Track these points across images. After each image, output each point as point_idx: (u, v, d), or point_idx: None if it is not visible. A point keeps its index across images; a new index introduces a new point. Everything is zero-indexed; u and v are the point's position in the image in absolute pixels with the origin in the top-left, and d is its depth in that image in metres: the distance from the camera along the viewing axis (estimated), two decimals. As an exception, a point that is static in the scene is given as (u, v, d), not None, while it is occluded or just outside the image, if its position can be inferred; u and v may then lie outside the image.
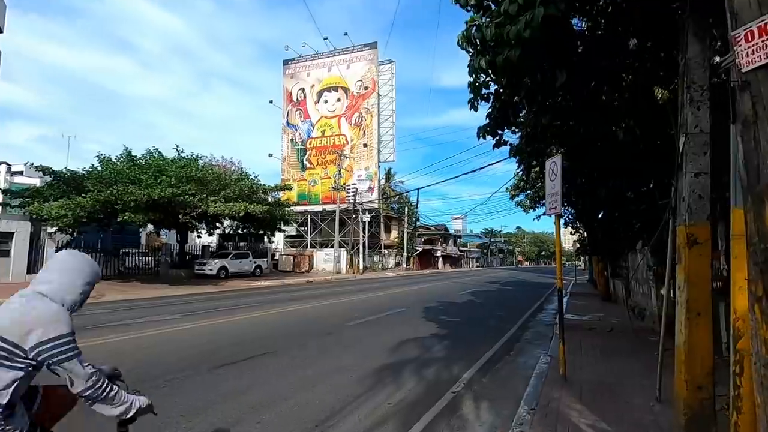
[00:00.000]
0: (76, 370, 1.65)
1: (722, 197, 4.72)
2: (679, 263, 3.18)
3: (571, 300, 15.27)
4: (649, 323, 9.02)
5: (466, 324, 10.23)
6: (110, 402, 1.74)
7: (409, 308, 12.67)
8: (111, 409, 1.75)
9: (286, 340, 7.66)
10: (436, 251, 56.99)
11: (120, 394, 1.78)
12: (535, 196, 18.67)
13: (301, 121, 45.18)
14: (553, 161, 5.00)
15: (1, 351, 1.55)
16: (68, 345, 1.64)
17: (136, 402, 1.82)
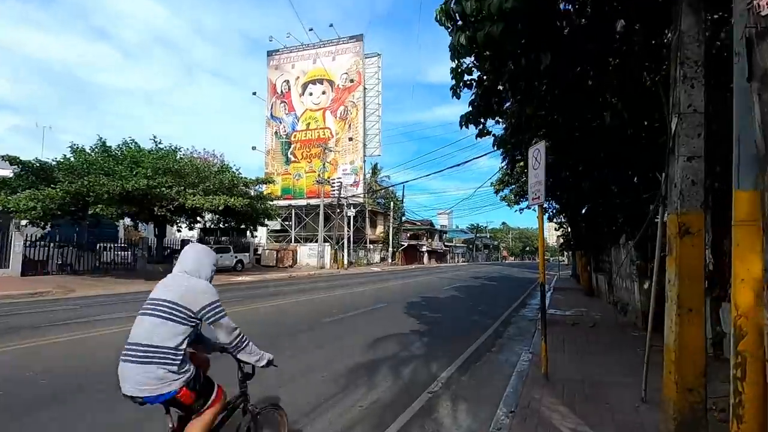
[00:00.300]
0: (226, 324, 2.32)
1: (711, 186, 4.53)
2: (669, 255, 2.93)
3: (554, 295, 15.20)
4: (632, 318, 8.91)
5: (448, 319, 9.99)
6: (249, 352, 2.46)
7: (391, 304, 12.39)
8: (250, 357, 2.47)
9: (258, 338, 7.28)
10: (421, 246, 56.92)
11: (255, 348, 2.50)
12: (520, 191, 18.55)
13: (286, 113, 44.41)
14: (536, 149, 4.73)
15: (179, 313, 2.19)
16: (219, 308, 2.31)
17: (266, 355, 2.54)
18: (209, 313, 2.27)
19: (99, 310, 10.29)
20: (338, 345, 6.91)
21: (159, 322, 2.18)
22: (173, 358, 2.15)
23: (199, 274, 2.39)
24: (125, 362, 2.14)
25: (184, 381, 2.18)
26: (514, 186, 19.17)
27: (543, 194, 4.53)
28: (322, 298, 13.40)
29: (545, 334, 4.60)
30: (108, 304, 11.31)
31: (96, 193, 17.25)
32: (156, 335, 2.15)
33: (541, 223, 4.81)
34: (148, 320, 2.20)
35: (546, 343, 4.58)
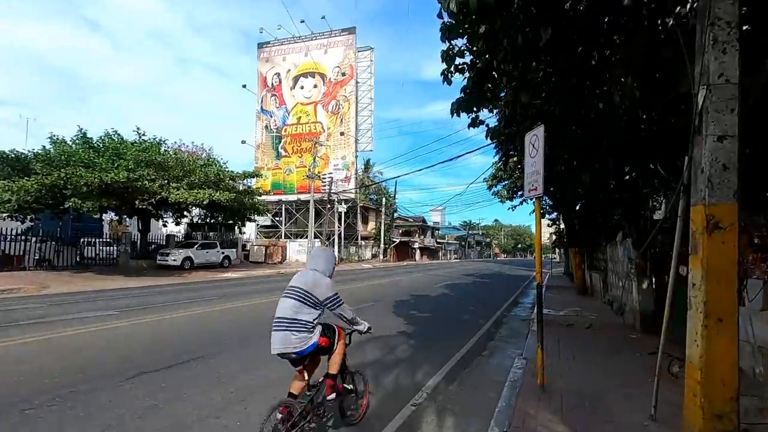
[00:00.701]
0: (345, 310, 3.28)
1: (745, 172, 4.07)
2: (693, 254, 2.45)
3: (547, 293, 14.81)
4: (630, 319, 8.51)
5: (437, 319, 9.53)
6: (359, 324, 3.47)
7: (380, 302, 11.91)
8: (360, 327, 3.49)
9: (229, 341, 6.76)
10: (413, 243, 56.50)
11: (363, 322, 3.51)
12: (513, 186, 18.13)
13: (276, 107, 43.61)
14: (533, 135, 4.24)
15: (311, 299, 3.09)
16: (338, 299, 3.20)
17: (366, 325, 3.54)
18: (330, 304, 3.19)
19: (66, 309, 9.67)
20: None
21: (298, 304, 3.08)
22: (311, 328, 3.09)
23: (326, 272, 3.29)
24: (277, 331, 3.06)
25: (319, 334, 3.15)
26: (508, 182, 18.74)
27: (541, 185, 4.05)
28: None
29: (542, 340, 4.13)
30: (78, 302, 10.69)
31: (73, 185, 16.53)
32: (297, 313, 3.05)
33: (539, 217, 4.33)
34: (290, 302, 3.10)
35: (543, 350, 4.11)
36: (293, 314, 3.04)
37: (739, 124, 2.37)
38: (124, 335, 6.99)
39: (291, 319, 3.04)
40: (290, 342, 3.00)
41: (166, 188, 18.67)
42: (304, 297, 3.08)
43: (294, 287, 3.14)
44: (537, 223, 4.37)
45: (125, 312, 9.21)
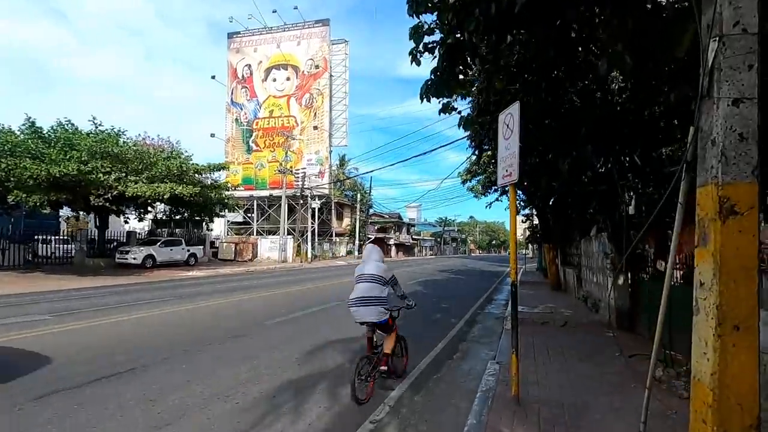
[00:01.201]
0: (399, 287, 4.58)
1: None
2: (701, 246, 1.98)
3: (520, 289, 14.57)
4: (605, 316, 8.23)
5: (407, 319, 9.01)
6: (408, 299, 4.64)
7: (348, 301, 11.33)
8: (408, 302, 4.63)
9: (173, 349, 6.05)
10: (389, 239, 56.07)
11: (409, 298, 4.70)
12: (487, 182, 17.85)
13: (247, 100, 42.23)
14: (508, 113, 3.75)
15: (380, 280, 4.24)
16: (395, 278, 4.47)
17: (413, 302, 4.68)
18: (390, 281, 4.39)
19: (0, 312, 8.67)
20: (272, 355, 5.77)
21: (372, 285, 4.26)
22: (384, 302, 4.24)
23: (380, 261, 4.52)
24: (359, 306, 4.25)
25: (389, 314, 4.29)
26: (482, 177, 18.45)
27: (516, 170, 3.55)
28: (273, 295, 12.16)
29: (517, 347, 3.64)
30: (11, 306, 9.65)
31: (17, 177, 15.21)
32: (372, 291, 4.23)
33: (513, 207, 3.85)
34: (367, 285, 4.29)
35: (518, 357, 3.63)
36: (370, 293, 4.25)
37: (759, 83, 1.90)
38: (53, 345, 6.16)
39: (369, 296, 4.24)
40: (372, 314, 4.21)
41: (123, 182, 17.49)
42: (376, 279, 4.31)
43: (365, 274, 4.38)
44: (512, 214, 3.88)
45: (62, 316, 8.30)
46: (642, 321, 7.18)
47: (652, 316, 6.98)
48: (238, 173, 41.74)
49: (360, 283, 4.36)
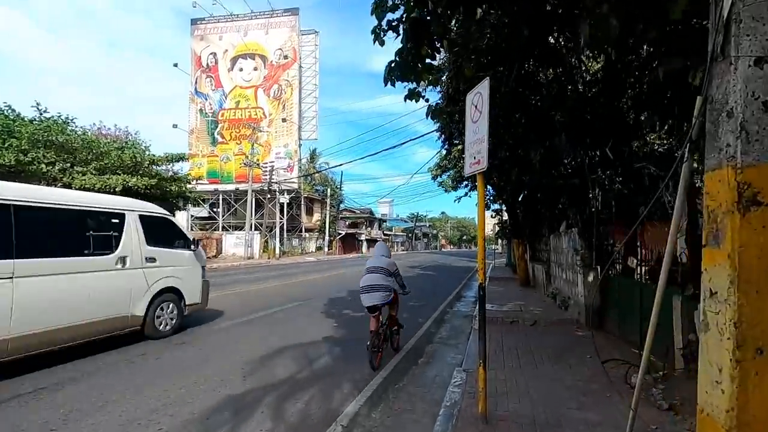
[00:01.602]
0: (401, 278, 5.54)
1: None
2: (711, 245, 1.56)
3: (490, 286, 14.37)
4: (575, 313, 8.02)
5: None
6: (406, 288, 5.80)
7: (312, 299, 10.74)
8: (406, 290, 5.82)
9: (101, 359, 5.33)
10: (360, 235, 55.54)
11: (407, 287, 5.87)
12: (457, 176, 17.58)
13: (212, 89, 40.50)
14: (476, 93, 3.30)
15: (387, 271, 5.30)
16: (398, 271, 5.51)
17: (409, 290, 5.97)
18: (394, 273, 5.41)
19: None
20: (218, 363, 5.15)
21: (381, 275, 5.24)
22: (388, 289, 5.19)
23: (389, 256, 5.61)
24: (367, 293, 5.14)
25: (392, 296, 5.26)
26: (452, 171, 18.17)
27: (485, 157, 3.11)
28: (231, 296, 11.41)
29: (485, 358, 3.21)
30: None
31: (-58, 167, 13.72)
32: (378, 281, 5.17)
33: (482, 198, 3.41)
34: (374, 275, 5.25)
35: (485, 369, 3.20)
36: (378, 282, 5.18)
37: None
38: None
39: (379, 285, 5.17)
40: (376, 299, 5.11)
41: (68, 173, 16.16)
42: (384, 271, 5.30)
43: (376, 266, 5.34)
44: (480, 206, 3.44)
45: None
46: (612, 318, 6.98)
47: (621, 313, 6.81)
48: (203, 166, 40.10)
49: (369, 273, 5.35)
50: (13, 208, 4.67)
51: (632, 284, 6.24)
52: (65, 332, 5.05)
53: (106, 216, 5.88)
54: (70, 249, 5.29)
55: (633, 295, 6.13)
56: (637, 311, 5.84)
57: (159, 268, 6.50)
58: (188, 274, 7.12)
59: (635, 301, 5.94)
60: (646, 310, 5.71)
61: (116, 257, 5.83)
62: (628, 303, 6.39)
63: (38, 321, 4.75)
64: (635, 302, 5.94)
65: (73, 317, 5.14)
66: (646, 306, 5.65)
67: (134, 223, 6.21)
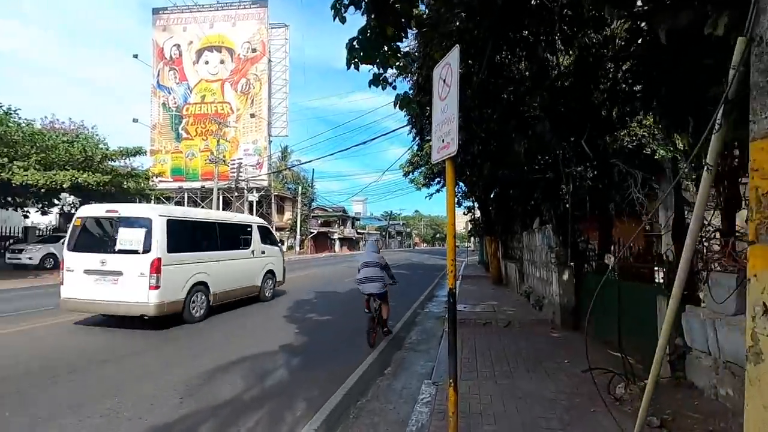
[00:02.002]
0: (390, 269, 6.59)
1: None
2: (764, 240, 1.07)
3: (462, 284, 14.07)
4: (549, 313, 7.71)
5: (337, 325, 8.00)
6: (394, 279, 6.83)
7: (275, 302, 10.07)
8: (394, 281, 6.78)
9: (11, 382, 4.57)
10: (332, 234, 54.70)
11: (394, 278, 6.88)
12: (429, 173, 17.21)
13: (176, 83, 38.70)
14: (445, 64, 2.80)
15: (380, 265, 6.39)
16: (387, 265, 6.58)
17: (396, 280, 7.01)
18: (387, 267, 6.46)
19: None
20: (149, 386, 4.47)
21: (375, 268, 6.29)
22: (383, 279, 6.30)
23: (378, 251, 6.65)
24: (366, 283, 6.27)
25: (386, 287, 6.35)
26: (424, 168, 17.79)
27: (455, 139, 2.62)
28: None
29: (455, 378, 2.72)
30: None
31: None
32: (374, 273, 6.26)
33: (452, 187, 2.91)
34: (369, 268, 6.30)
35: (456, 390, 2.72)
36: (373, 274, 6.31)
37: None
38: None
39: (375, 276, 6.30)
40: (375, 288, 6.26)
41: (7, 168, 14.78)
42: (378, 264, 6.38)
43: (370, 261, 6.40)
44: (449, 197, 2.94)
45: None
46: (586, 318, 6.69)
47: (598, 313, 6.51)
48: (167, 163, 38.32)
49: (365, 267, 6.39)
50: (217, 225, 8.92)
51: (609, 282, 5.95)
52: (234, 292, 9.00)
53: (245, 227, 9.97)
54: (234, 245, 9.22)
55: (610, 293, 5.83)
56: (615, 310, 5.53)
57: (266, 257, 10.34)
58: (278, 262, 11.07)
59: (612, 300, 5.63)
60: (624, 310, 5.40)
61: (251, 250, 9.76)
62: (605, 302, 6.10)
63: (224, 285, 8.61)
64: (612, 301, 5.64)
65: (236, 284, 9.10)
66: (624, 306, 5.35)
67: (256, 231, 10.14)
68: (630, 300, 5.08)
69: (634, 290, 5.03)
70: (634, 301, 4.94)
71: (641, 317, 4.68)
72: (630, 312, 5.01)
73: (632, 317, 4.94)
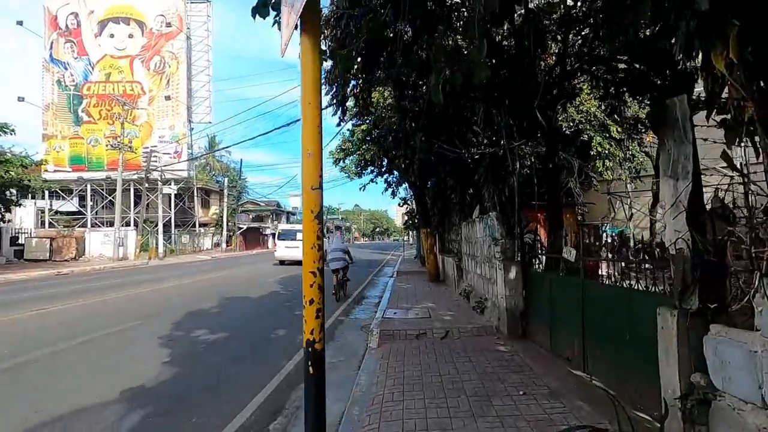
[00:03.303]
0: (350, 255, 10.65)
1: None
2: None
3: (396, 282, 12.72)
4: (493, 318, 6.48)
5: (233, 344, 6.17)
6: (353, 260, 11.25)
7: (160, 316, 7.93)
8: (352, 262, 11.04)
9: None
10: (265, 229, 51.49)
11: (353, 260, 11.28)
12: (362, 160, 15.63)
13: (74, 57, 33.59)
14: None
15: (344, 251, 10.28)
16: (349, 252, 10.59)
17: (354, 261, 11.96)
18: (348, 253, 10.33)
19: None
20: None
21: (341, 253, 10.07)
22: (346, 260, 10.11)
23: (344, 242, 11.30)
24: (334, 261, 9.88)
25: (347, 264, 10.20)
26: (355, 156, 16.16)
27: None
28: (39, 316, 8.11)
29: None
30: None
31: None
32: (340, 256, 10.01)
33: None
34: (338, 253, 10.03)
35: None
36: (342, 256, 9.93)
37: None
38: None
39: (341, 258, 9.90)
40: (341, 264, 9.89)
41: None
42: (343, 251, 10.07)
43: (339, 248, 10.14)
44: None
45: None
46: (539, 326, 5.49)
47: (553, 320, 5.31)
48: (64, 150, 33.28)
49: (335, 252, 10.00)
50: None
51: (570, 282, 4.74)
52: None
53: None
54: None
55: (570, 296, 4.62)
56: (577, 317, 4.32)
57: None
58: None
59: (574, 306, 4.42)
60: (591, 318, 4.19)
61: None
62: (562, 306, 4.90)
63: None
64: (573, 307, 4.42)
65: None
66: (596, 315, 4.11)
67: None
68: (607, 309, 3.85)
69: (615, 296, 3.79)
70: (613, 311, 3.70)
71: (625, 333, 3.44)
72: (609, 325, 3.78)
73: (612, 332, 3.71)
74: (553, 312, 5.09)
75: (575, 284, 4.45)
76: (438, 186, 12.12)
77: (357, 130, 14.79)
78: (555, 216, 6.07)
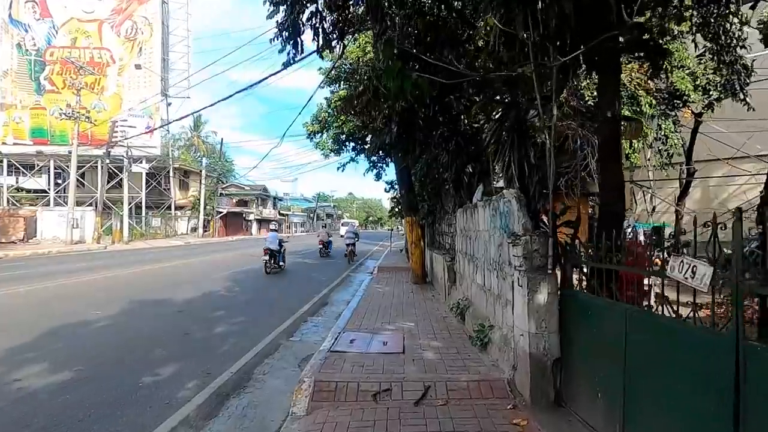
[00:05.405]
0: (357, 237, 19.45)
1: None
2: None
3: (373, 283, 10.26)
4: (503, 365, 4.02)
5: (133, 369, 3.68)
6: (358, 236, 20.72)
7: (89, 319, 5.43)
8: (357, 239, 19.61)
9: None
10: (248, 214, 48.79)
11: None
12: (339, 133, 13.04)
13: (36, 19, 30.40)
14: None
15: (354, 232, 19.73)
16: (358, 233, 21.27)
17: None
18: (357, 234, 19.42)
19: None
20: None
21: (352, 234, 18.50)
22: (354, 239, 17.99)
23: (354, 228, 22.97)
24: (348, 238, 18.02)
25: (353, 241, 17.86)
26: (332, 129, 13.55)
27: None
28: None
29: None
30: None
31: None
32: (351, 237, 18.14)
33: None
34: (350, 234, 18.69)
35: None
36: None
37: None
38: None
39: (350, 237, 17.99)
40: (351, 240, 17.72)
41: None
42: (353, 234, 18.44)
43: (351, 232, 19.08)
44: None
45: None
46: (583, 388, 3.06)
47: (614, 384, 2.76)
48: (24, 121, 30.27)
49: (349, 233, 18.74)
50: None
51: (672, 326, 2.28)
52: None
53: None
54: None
55: (671, 347, 2.16)
56: (670, 387, 1.86)
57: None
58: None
59: (667, 359, 1.95)
60: (686, 388, 1.72)
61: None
62: (650, 366, 2.44)
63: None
64: (667, 361, 1.95)
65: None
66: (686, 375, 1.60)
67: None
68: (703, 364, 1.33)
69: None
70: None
71: None
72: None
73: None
74: (627, 374, 2.64)
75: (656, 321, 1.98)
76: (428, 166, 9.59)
77: (335, 97, 12.20)
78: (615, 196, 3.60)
